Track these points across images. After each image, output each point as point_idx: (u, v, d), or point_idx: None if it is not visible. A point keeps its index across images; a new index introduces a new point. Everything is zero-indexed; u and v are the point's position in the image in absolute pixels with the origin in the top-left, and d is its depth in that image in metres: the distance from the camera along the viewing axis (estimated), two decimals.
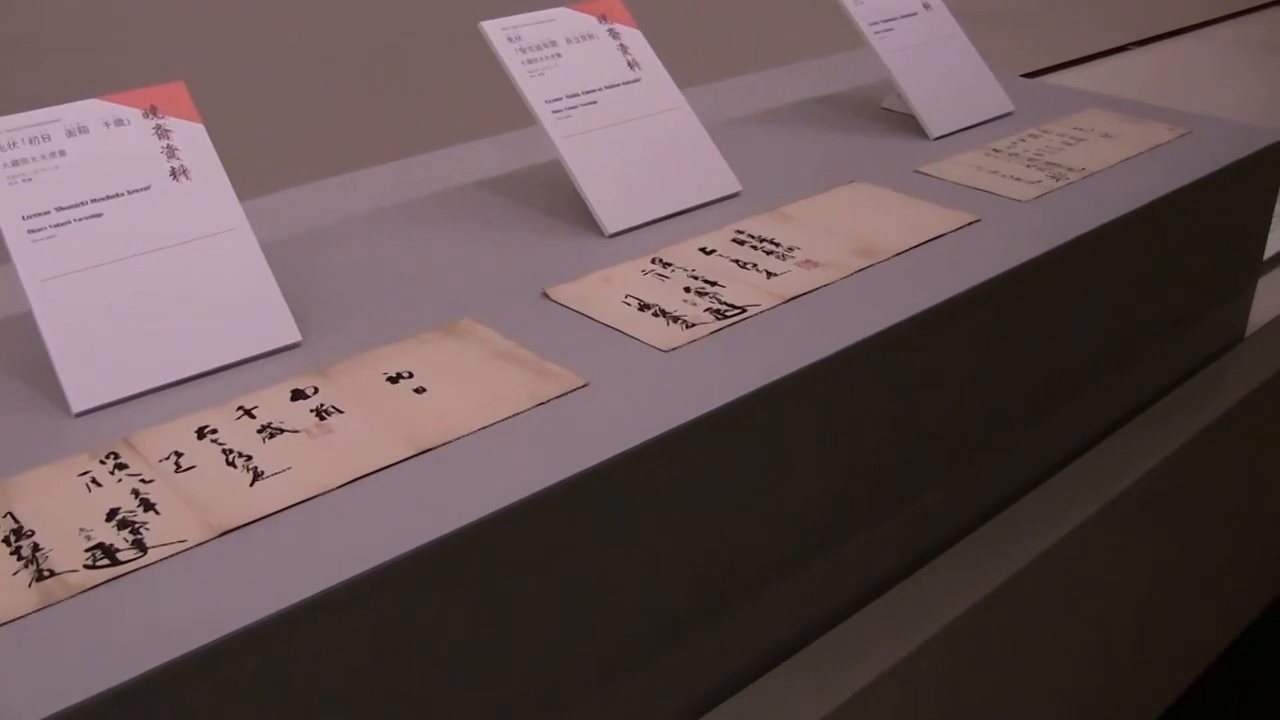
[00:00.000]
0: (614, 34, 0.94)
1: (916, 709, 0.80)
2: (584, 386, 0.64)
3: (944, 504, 0.83)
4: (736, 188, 0.91)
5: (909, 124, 1.06)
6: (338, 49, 1.25)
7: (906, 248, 0.82)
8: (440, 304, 0.74)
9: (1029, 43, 2.17)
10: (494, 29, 0.89)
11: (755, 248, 0.81)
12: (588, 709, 0.63)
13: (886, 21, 1.09)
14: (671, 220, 0.87)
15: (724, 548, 0.67)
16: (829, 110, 1.13)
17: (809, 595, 0.74)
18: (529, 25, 0.90)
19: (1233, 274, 1.11)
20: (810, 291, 0.75)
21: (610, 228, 0.84)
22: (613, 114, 0.89)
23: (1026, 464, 0.91)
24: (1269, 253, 1.31)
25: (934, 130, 1.05)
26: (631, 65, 0.93)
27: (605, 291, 0.75)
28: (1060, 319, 0.88)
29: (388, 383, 0.66)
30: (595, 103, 0.89)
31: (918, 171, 0.97)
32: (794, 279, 0.77)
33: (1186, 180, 0.96)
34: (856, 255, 0.80)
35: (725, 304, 0.73)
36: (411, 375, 0.66)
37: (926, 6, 1.13)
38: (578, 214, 0.85)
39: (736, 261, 0.79)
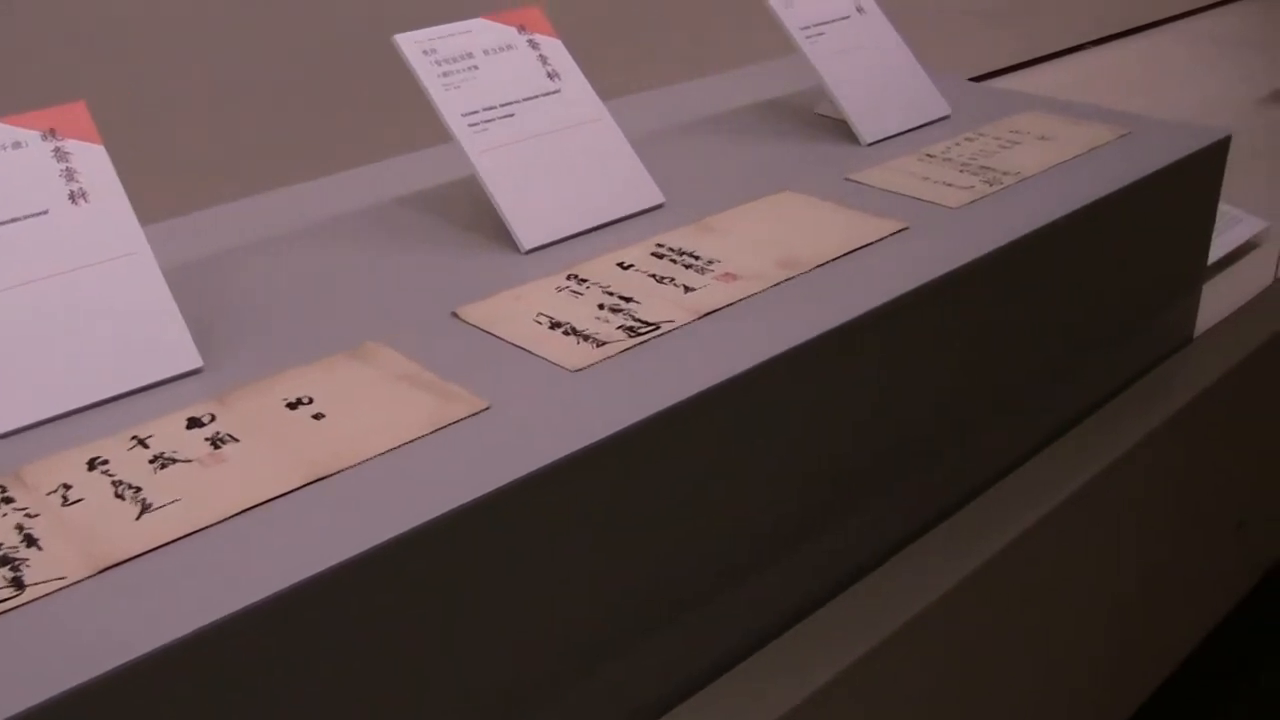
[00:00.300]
0: (534, 44, 0.94)
1: None
2: (486, 409, 0.64)
3: (879, 519, 0.83)
4: (659, 199, 0.91)
5: (843, 130, 1.06)
6: (255, 63, 1.25)
7: (830, 258, 0.82)
8: (348, 326, 0.73)
9: (999, 40, 2.17)
10: (408, 42, 0.88)
11: (675, 261, 0.81)
12: None
13: (818, 26, 1.09)
14: (591, 234, 0.86)
15: (639, 570, 0.67)
16: (762, 117, 1.13)
17: (734, 615, 0.74)
18: (445, 38, 0.90)
19: (1179, 275, 1.12)
20: (727, 306, 0.75)
21: (527, 244, 0.84)
22: (531, 126, 0.89)
23: (972, 471, 0.92)
24: (1217, 254, 1.32)
25: (866, 136, 1.05)
26: (551, 76, 0.93)
27: (516, 310, 0.75)
28: (999, 324, 0.88)
29: (287, 409, 0.65)
30: (513, 115, 0.89)
31: (848, 179, 0.97)
32: (712, 293, 0.77)
33: (1122, 182, 0.96)
34: (778, 267, 0.80)
35: (639, 321, 0.73)
36: (311, 401, 0.66)
37: (860, 10, 1.14)
38: (495, 230, 0.85)
39: (654, 276, 0.79)
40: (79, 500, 0.58)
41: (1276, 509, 1.41)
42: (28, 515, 0.57)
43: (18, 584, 0.53)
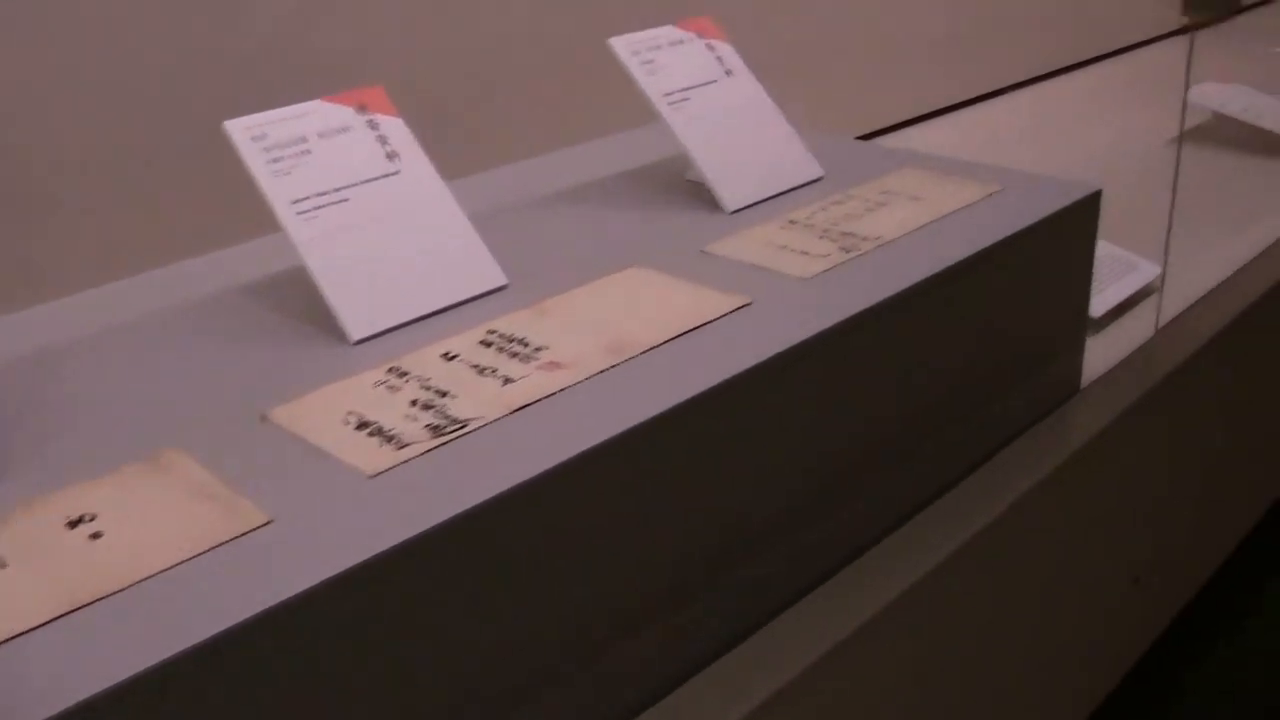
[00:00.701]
0: (373, 125, 0.92)
1: None
2: (268, 524, 0.62)
3: (725, 605, 0.81)
4: (502, 281, 0.90)
5: (710, 197, 1.05)
6: (86, 145, 1.23)
7: (662, 341, 0.81)
8: (154, 432, 0.72)
9: (912, 90, 2.18)
10: (237, 129, 0.87)
11: (502, 349, 0.80)
12: None
13: (682, 91, 1.08)
14: (426, 321, 0.85)
15: (444, 682, 0.65)
16: (628, 187, 1.12)
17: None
18: (277, 122, 0.89)
19: (1059, 329, 1.11)
20: (542, 399, 0.74)
21: (355, 334, 0.83)
22: (365, 211, 0.88)
23: (839, 543, 0.90)
24: (1112, 300, 1.32)
25: (730, 204, 1.04)
26: (391, 157, 0.92)
27: (328, 409, 0.74)
28: (857, 393, 0.87)
29: (67, 528, 0.64)
30: (346, 200, 0.88)
31: (704, 251, 0.96)
32: (530, 385, 0.75)
33: (981, 245, 0.96)
34: (606, 353, 0.79)
35: (448, 419, 0.72)
36: (94, 518, 0.64)
37: (729, 73, 1.13)
38: (325, 321, 0.84)
39: (477, 367, 0.78)
40: None
41: (1173, 564, 1.40)
42: None
43: None
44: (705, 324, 0.83)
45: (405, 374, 0.78)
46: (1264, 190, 1.85)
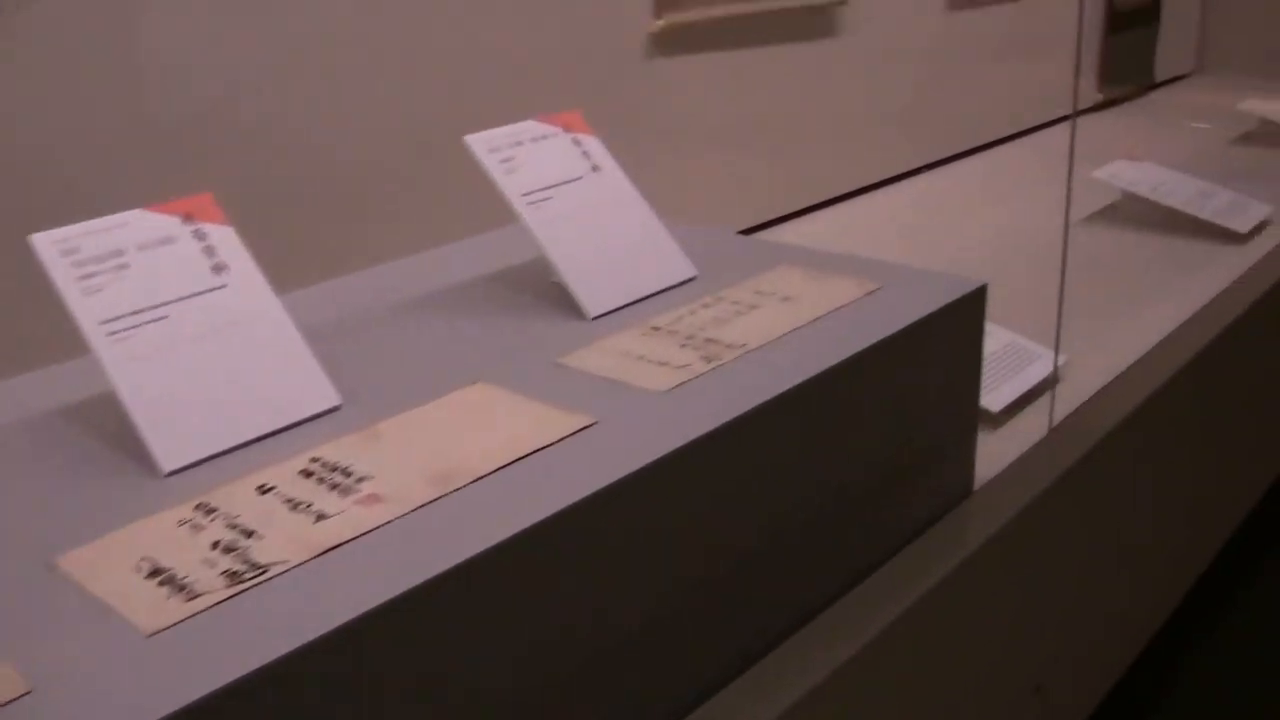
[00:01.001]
0: (199, 235, 0.88)
1: None
2: (25, 695, 0.57)
3: None
4: (335, 402, 0.85)
5: (574, 301, 1.01)
6: None
7: (494, 468, 0.76)
8: None
9: (812, 177, 2.16)
10: (44, 243, 0.83)
11: (323, 480, 0.75)
12: None
13: (544, 190, 1.05)
14: (247, 449, 0.80)
15: None
16: (491, 292, 1.08)
17: None
18: (91, 235, 0.85)
19: (947, 431, 1.07)
20: (354, 539, 0.69)
21: (166, 466, 0.78)
22: (185, 330, 0.83)
23: (712, 662, 0.86)
24: (1014, 394, 1.28)
25: (592, 310, 1.00)
26: (217, 270, 0.87)
27: (122, 554, 0.68)
28: (717, 513, 0.83)
29: None
30: (165, 318, 0.83)
31: (557, 363, 0.91)
32: (344, 522, 0.70)
33: (851, 351, 0.92)
34: (431, 483, 0.74)
35: (249, 563, 0.67)
36: None
37: (596, 169, 1.09)
38: (135, 450, 0.78)
39: (291, 501, 0.73)
40: None
41: (1078, 672, 1.36)
42: None
43: None
44: (544, 448, 0.78)
45: (213, 511, 0.72)
46: (1171, 271, 1.84)
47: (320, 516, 0.72)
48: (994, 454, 1.22)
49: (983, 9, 2.51)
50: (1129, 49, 3.09)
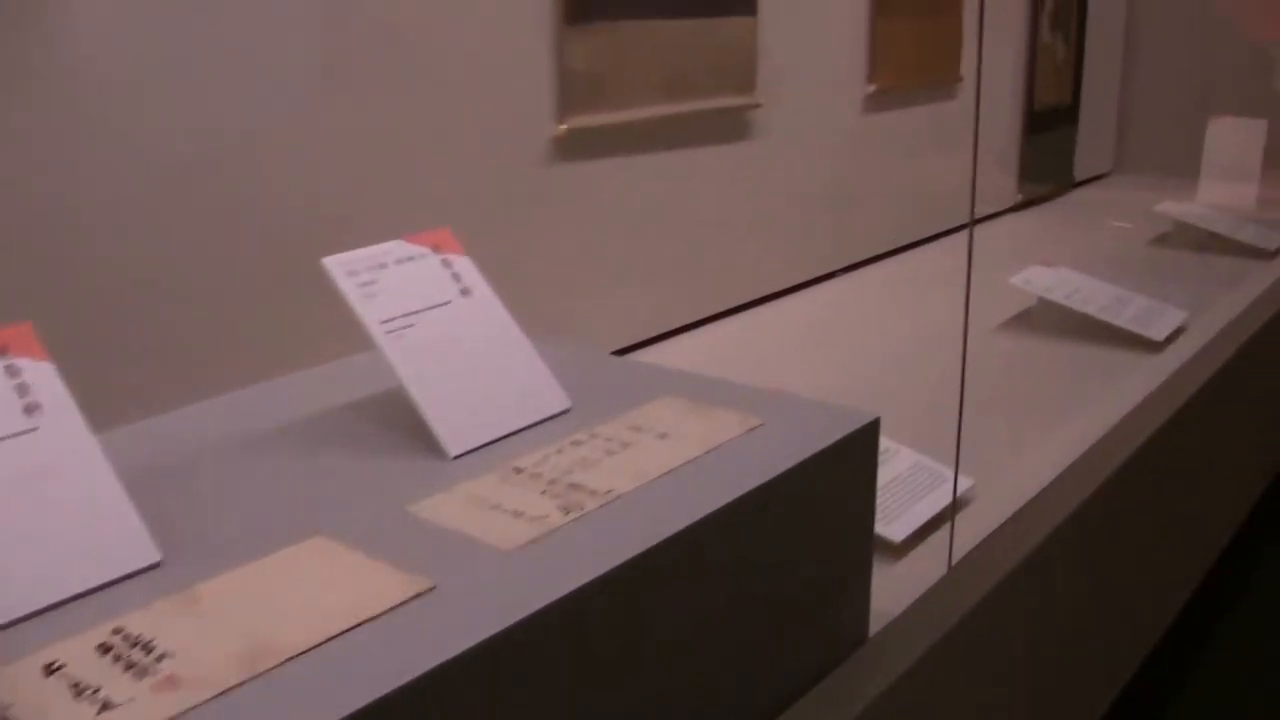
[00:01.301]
0: (11, 371, 0.81)
1: None
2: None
3: None
4: (154, 558, 0.78)
5: None
6: None
7: (313, 644, 0.69)
8: None
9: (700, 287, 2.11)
10: None
11: (120, 658, 0.68)
12: None
13: (406, 317, 0.98)
14: (45, 616, 0.72)
15: None
16: (350, 423, 1.01)
17: None
18: None
19: (837, 574, 1.01)
20: None
21: None
22: None
23: None
24: (920, 519, 1.23)
25: (453, 448, 0.94)
26: (29, 411, 0.80)
27: None
28: (571, 682, 0.76)
29: None
30: None
31: (407, 511, 0.84)
32: (134, 711, 0.63)
33: (721, 502, 0.86)
34: (239, 663, 0.67)
35: None
36: None
37: (465, 292, 1.03)
38: None
39: (78, 686, 0.65)
40: None
41: None
42: None
43: None
44: (371, 618, 0.71)
45: None
46: (1086, 381, 1.81)
47: (105, 706, 0.64)
48: (895, 589, 1.16)
49: (899, 110, 2.49)
50: (1049, 149, 3.10)
